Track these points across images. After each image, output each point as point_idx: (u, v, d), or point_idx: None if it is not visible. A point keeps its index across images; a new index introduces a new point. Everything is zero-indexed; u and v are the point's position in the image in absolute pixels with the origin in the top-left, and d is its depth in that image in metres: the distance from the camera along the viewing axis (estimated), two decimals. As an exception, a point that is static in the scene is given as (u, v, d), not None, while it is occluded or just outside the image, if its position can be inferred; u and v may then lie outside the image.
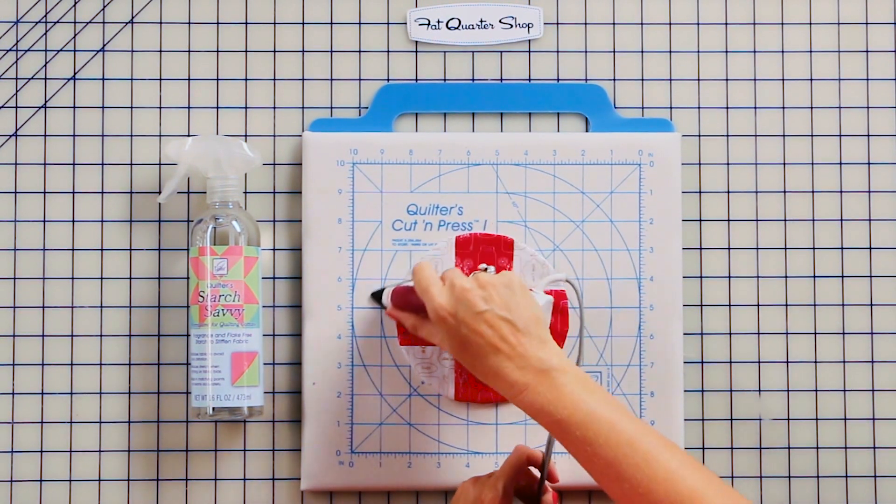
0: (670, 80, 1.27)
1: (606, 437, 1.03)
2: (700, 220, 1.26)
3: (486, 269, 1.15)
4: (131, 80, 1.26)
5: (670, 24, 1.27)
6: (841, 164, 1.27)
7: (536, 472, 1.19)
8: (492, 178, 1.25)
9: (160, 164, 1.26)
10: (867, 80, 1.27)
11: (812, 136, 1.27)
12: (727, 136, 1.27)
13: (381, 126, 1.26)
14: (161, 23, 1.26)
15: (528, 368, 1.08)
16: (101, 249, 1.25)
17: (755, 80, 1.27)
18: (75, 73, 1.26)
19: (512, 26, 1.27)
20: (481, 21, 1.27)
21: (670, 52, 1.27)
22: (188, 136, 1.26)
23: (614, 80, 1.27)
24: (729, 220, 1.26)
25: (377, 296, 1.23)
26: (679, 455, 1.02)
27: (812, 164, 1.27)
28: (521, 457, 1.17)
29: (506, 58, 1.27)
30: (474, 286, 1.10)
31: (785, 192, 1.27)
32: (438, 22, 1.27)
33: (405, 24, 1.27)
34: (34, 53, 1.26)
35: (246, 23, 1.27)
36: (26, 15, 1.26)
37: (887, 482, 1.26)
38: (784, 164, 1.27)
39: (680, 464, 1.02)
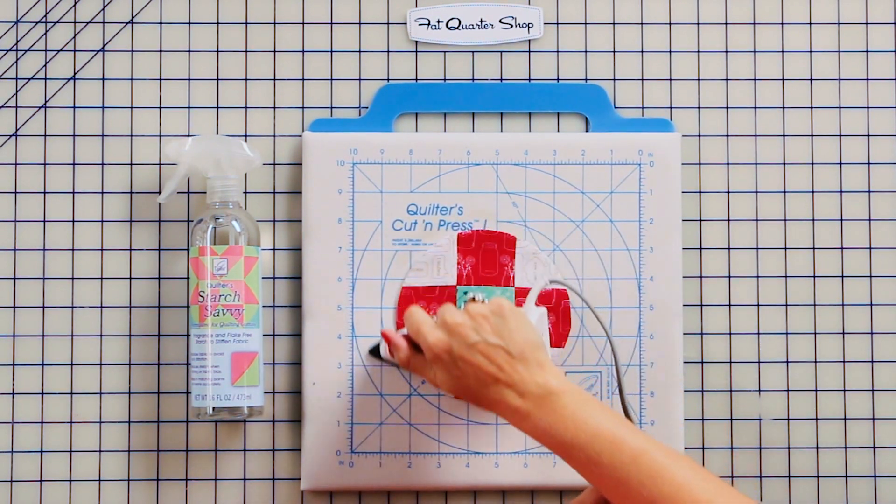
0: (670, 80, 1.27)
1: (610, 455, 1.03)
2: (700, 220, 1.26)
3: (474, 299, 1.14)
4: (131, 80, 1.26)
5: (670, 24, 1.27)
6: (841, 164, 1.27)
7: None
8: (492, 178, 1.25)
9: (160, 164, 1.26)
10: (867, 80, 1.27)
11: (812, 136, 1.27)
12: (727, 136, 1.27)
13: (381, 126, 1.26)
14: (161, 23, 1.26)
15: (527, 394, 1.08)
16: (102, 249, 1.25)
17: (755, 80, 1.27)
18: (75, 73, 1.26)
19: (512, 26, 1.27)
20: (481, 21, 1.27)
21: (670, 52, 1.27)
22: (188, 136, 1.26)
23: (614, 80, 1.27)
24: (729, 220, 1.26)
25: (375, 351, 1.23)
26: (686, 469, 1.02)
27: (812, 164, 1.27)
28: None
29: (506, 58, 1.27)
30: (465, 319, 1.10)
31: (785, 192, 1.27)
32: (438, 22, 1.27)
33: (405, 24, 1.27)
34: (34, 53, 1.26)
35: (246, 23, 1.27)
36: (26, 15, 1.26)
37: (887, 482, 1.26)
38: (784, 164, 1.27)
39: (686, 478, 1.01)
